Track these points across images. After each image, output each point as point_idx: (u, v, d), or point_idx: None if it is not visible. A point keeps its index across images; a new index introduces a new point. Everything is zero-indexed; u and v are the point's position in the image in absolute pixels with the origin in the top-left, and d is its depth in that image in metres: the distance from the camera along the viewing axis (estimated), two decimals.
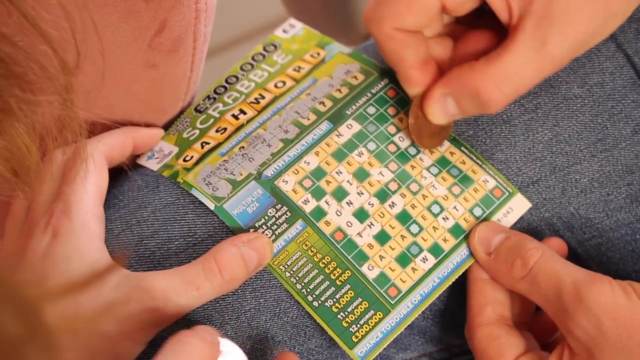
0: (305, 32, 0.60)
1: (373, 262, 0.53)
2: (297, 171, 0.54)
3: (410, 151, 0.56)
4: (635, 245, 0.57)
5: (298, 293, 0.52)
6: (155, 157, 0.57)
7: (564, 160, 0.56)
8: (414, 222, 0.54)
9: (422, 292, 0.52)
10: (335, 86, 0.57)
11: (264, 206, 0.53)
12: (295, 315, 0.53)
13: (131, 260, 0.53)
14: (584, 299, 0.48)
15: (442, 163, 0.55)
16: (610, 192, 0.56)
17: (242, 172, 0.54)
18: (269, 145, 0.55)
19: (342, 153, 0.55)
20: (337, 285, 0.52)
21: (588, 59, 0.57)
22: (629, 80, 0.57)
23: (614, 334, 0.47)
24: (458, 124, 0.56)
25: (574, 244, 0.56)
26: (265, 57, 0.60)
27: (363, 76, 0.58)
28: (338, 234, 0.53)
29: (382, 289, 0.52)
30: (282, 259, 0.52)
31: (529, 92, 0.56)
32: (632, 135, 0.56)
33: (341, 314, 0.52)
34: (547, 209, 0.56)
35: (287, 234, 0.53)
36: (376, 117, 0.56)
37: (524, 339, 0.52)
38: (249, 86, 0.59)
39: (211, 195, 0.54)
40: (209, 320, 0.52)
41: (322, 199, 0.54)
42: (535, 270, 0.50)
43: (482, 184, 0.55)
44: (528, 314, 0.55)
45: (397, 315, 0.52)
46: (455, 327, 0.57)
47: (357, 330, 0.51)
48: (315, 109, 0.57)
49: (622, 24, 0.56)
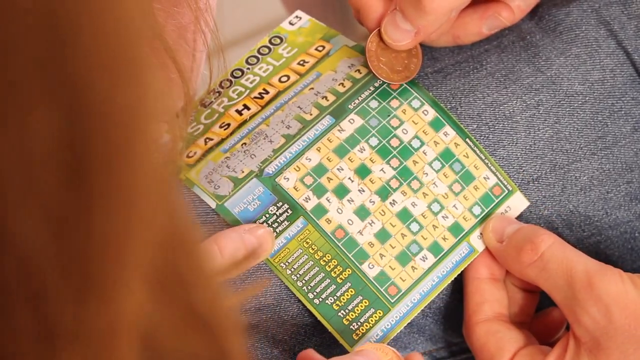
0: (312, 24, 0.60)
1: (373, 261, 0.53)
2: (298, 168, 0.54)
3: (413, 144, 0.55)
4: (634, 244, 0.57)
5: (299, 290, 0.52)
6: None
7: (564, 158, 0.56)
8: (414, 221, 0.54)
9: (421, 291, 0.53)
10: (339, 80, 0.57)
11: (265, 204, 0.53)
12: (296, 313, 0.53)
13: None
14: (595, 287, 0.48)
15: (446, 156, 0.55)
16: (610, 190, 0.56)
17: (244, 169, 0.54)
18: (270, 141, 0.55)
19: (344, 149, 0.55)
20: (338, 283, 0.52)
21: (589, 56, 0.57)
22: (629, 78, 0.57)
23: (623, 323, 0.48)
24: (461, 118, 0.56)
25: (573, 241, 0.56)
26: (271, 50, 0.59)
27: (366, 69, 0.57)
28: (339, 232, 0.53)
29: (382, 288, 0.52)
30: (283, 257, 0.52)
31: (531, 89, 0.56)
32: (631, 133, 0.56)
33: (342, 311, 0.52)
34: (547, 206, 0.56)
35: (288, 231, 0.53)
36: (378, 111, 0.56)
37: (524, 334, 0.52)
38: (254, 80, 0.58)
39: (213, 194, 0.53)
40: None
41: (323, 196, 0.54)
42: (546, 256, 0.50)
43: (483, 181, 0.55)
44: (527, 314, 0.55)
45: (397, 313, 0.52)
46: (455, 325, 0.57)
47: (358, 328, 0.51)
48: (317, 103, 0.56)
49: (622, 20, 0.57)
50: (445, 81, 0.57)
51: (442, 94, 0.56)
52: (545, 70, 0.56)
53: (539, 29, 0.57)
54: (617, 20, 0.57)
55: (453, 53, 0.57)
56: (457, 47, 0.58)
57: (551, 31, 0.57)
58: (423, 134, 0.55)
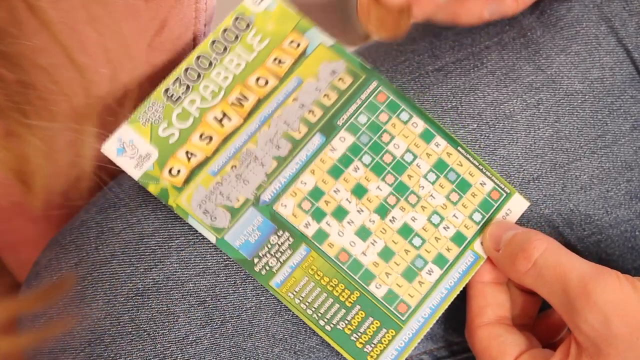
0: (279, 8, 0.56)
1: (380, 280, 0.52)
2: (294, 193, 0.54)
3: (406, 158, 0.55)
4: (634, 242, 0.57)
5: (309, 318, 0.52)
6: (129, 154, 0.53)
7: (565, 157, 0.56)
8: (416, 235, 0.54)
9: (431, 305, 0.52)
10: (323, 90, 0.56)
11: (266, 234, 0.53)
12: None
13: (132, 258, 0.53)
14: (591, 295, 0.47)
15: (440, 167, 0.55)
16: (610, 189, 0.56)
17: (239, 197, 0.53)
18: (262, 164, 0.54)
19: (338, 169, 0.54)
20: (347, 306, 0.52)
21: (589, 54, 0.57)
22: (629, 76, 0.57)
23: (623, 331, 0.47)
24: (461, 117, 0.56)
25: (574, 240, 0.56)
26: (238, 38, 0.56)
27: (351, 78, 0.56)
28: (343, 255, 0.53)
29: (392, 306, 0.52)
30: (290, 286, 0.52)
31: (531, 87, 0.56)
32: (630, 132, 0.56)
33: (354, 335, 0.52)
34: (547, 205, 0.56)
35: (292, 260, 0.52)
36: (368, 127, 0.55)
37: (526, 337, 0.52)
38: (226, 77, 0.55)
39: (210, 226, 0.53)
40: (209, 319, 0.52)
41: (322, 220, 0.53)
42: (540, 264, 0.49)
43: (480, 187, 0.55)
44: (529, 317, 0.54)
45: (409, 331, 0.52)
46: (455, 325, 0.57)
47: (372, 350, 0.51)
48: (304, 119, 0.55)
49: (623, 17, 0.57)
50: (446, 80, 0.57)
51: (442, 92, 0.56)
52: (545, 69, 0.56)
53: (540, 24, 0.57)
54: (618, 16, 0.57)
55: (453, 50, 0.57)
56: (458, 44, 0.58)
57: (552, 26, 0.57)
58: (415, 147, 0.55)
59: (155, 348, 0.52)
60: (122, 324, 0.52)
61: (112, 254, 0.53)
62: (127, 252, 0.53)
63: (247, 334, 0.53)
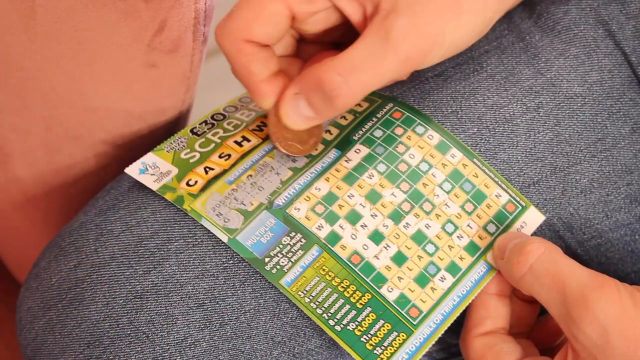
0: None
1: (392, 284, 0.52)
2: (308, 198, 0.54)
3: (421, 167, 0.55)
4: (634, 246, 0.57)
5: (319, 318, 0.51)
6: (150, 172, 0.55)
7: (565, 161, 0.56)
8: (430, 242, 0.53)
9: (442, 311, 0.52)
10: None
11: (278, 235, 0.53)
12: (295, 315, 0.53)
13: (130, 260, 0.53)
14: (590, 307, 0.47)
15: (455, 177, 0.55)
16: (610, 193, 0.56)
17: (253, 202, 0.53)
18: (277, 173, 0.54)
19: (353, 177, 0.54)
20: (358, 308, 0.52)
21: (587, 56, 0.57)
22: (627, 79, 0.57)
23: (621, 345, 0.46)
24: (462, 121, 0.56)
25: (574, 244, 0.56)
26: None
27: (367, 103, 0.57)
28: (355, 257, 0.53)
29: (404, 310, 0.52)
30: (300, 285, 0.52)
31: (530, 91, 0.56)
32: (630, 135, 0.56)
33: (364, 336, 0.51)
34: (547, 209, 0.56)
35: (304, 260, 0.52)
36: (384, 139, 0.55)
37: (521, 346, 0.52)
38: (250, 114, 0.57)
39: (223, 227, 0.53)
40: (208, 321, 0.52)
41: (335, 223, 0.53)
42: (536, 269, 0.49)
43: (495, 199, 0.55)
44: (527, 325, 0.54)
45: (420, 335, 0.52)
46: (454, 326, 0.57)
47: (382, 352, 0.51)
48: (322, 138, 0.56)
49: (620, 20, 0.56)
50: (446, 85, 0.57)
51: (442, 97, 0.56)
52: (545, 72, 0.56)
53: (538, 28, 0.57)
54: (615, 20, 0.57)
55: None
56: None
57: (550, 30, 0.57)
58: (430, 157, 0.55)
59: (154, 350, 0.52)
60: (120, 326, 0.52)
61: (111, 256, 0.54)
62: (126, 255, 0.53)
63: (245, 336, 0.53)
